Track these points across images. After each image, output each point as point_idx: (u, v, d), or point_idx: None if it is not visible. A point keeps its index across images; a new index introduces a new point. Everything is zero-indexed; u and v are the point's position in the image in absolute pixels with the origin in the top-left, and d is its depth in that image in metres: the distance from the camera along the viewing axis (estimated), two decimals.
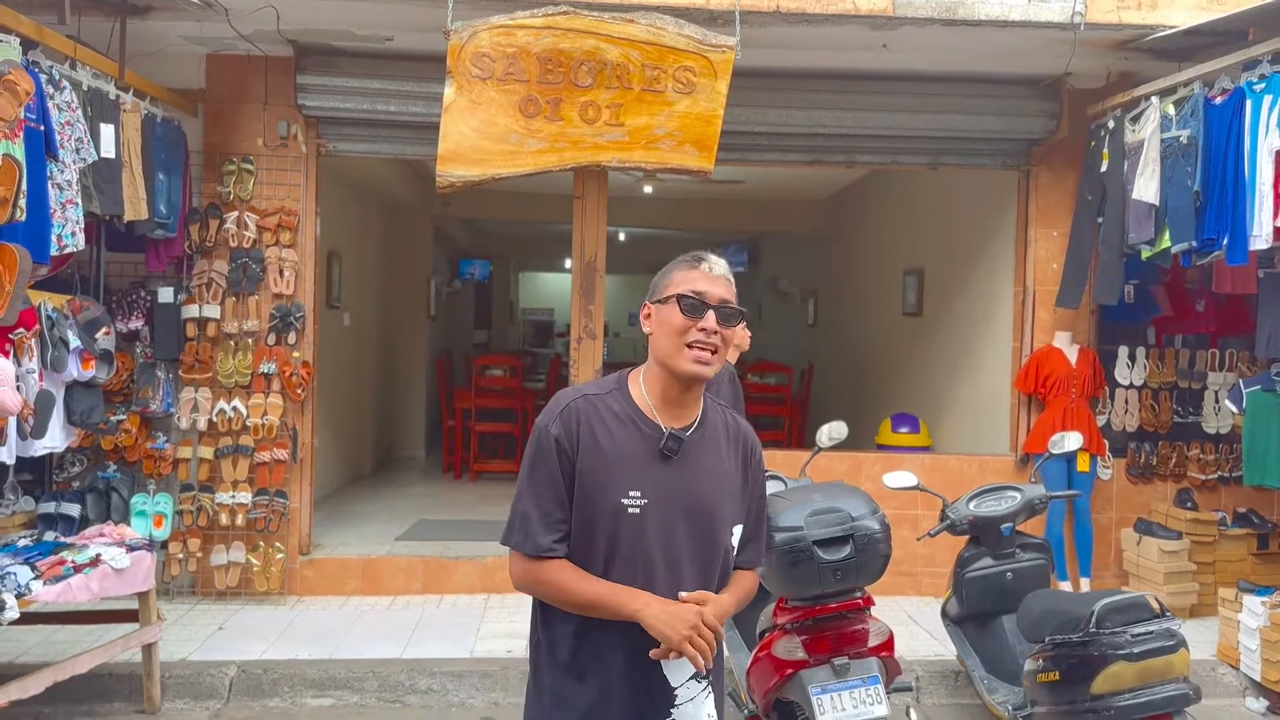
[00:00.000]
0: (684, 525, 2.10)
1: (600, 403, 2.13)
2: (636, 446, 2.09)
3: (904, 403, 8.79)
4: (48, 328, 4.26)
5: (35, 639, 5.16)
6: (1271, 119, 4.68)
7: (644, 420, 2.12)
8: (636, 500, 2.06)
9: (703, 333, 2.06)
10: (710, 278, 2.11)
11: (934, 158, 6.56)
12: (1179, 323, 6.69)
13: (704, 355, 2.07)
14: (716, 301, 2.09)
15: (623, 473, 2.07)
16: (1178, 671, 3.46)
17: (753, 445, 2.28)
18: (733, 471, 2.19)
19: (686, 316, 2.07)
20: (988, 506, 4.43)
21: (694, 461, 2.12)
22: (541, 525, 2.08)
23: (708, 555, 2.13)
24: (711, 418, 2.20)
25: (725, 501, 2.16)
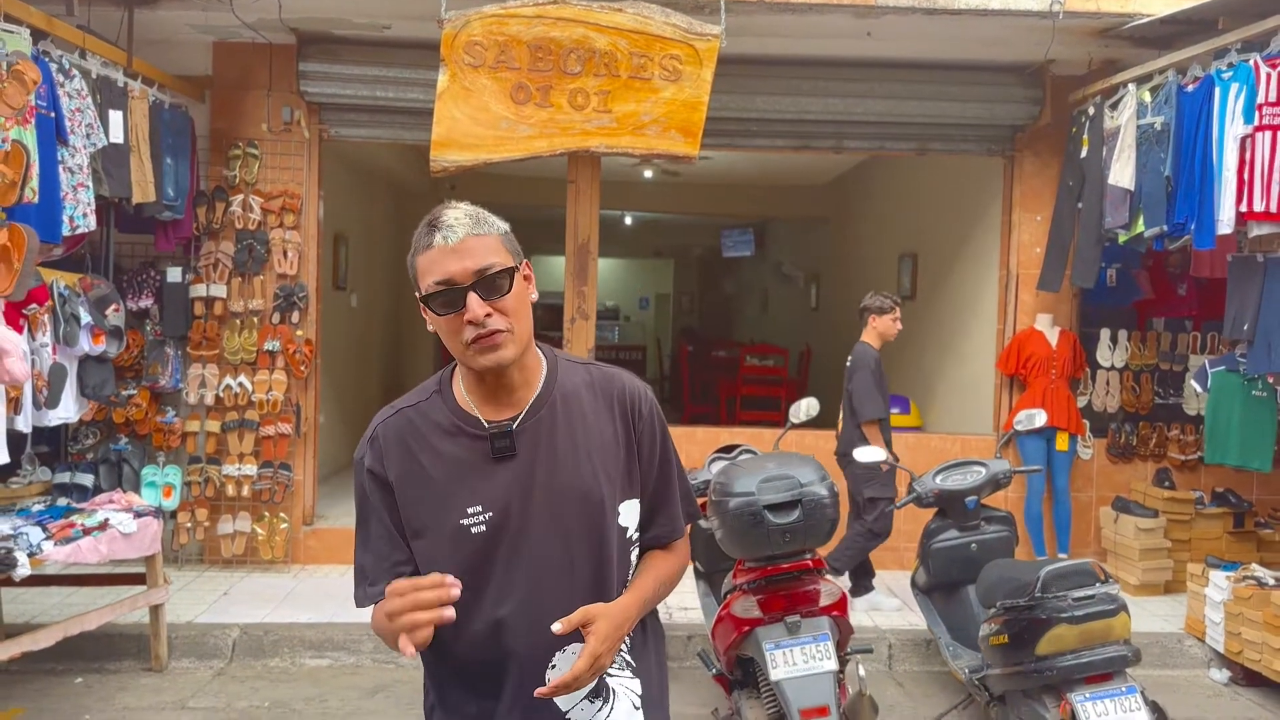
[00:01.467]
0: (552, 527, 1.73)
1: (417, 414, 1.80)
2: (466, 455, 1.74)
3: (897, 384, 8.92)
4: (60, 304, 4.51)
5: (52, 601, 5.43)
6: (1238, 106, 4.82)
7: (470, 422, 1.76)
8: (479, 517, 1.71)
9: (473, 326, 1.66)
10: (450, 250, 1.66)
11: (921, 144, 6.71)
12: (1161, 306, 6.82)
13: (494, 342, 1.67)
14: (470, 278, 1.66)
15: (455, 490, 1.72)
16: (1118, 634, 3.63)
17: (635, 400, 1.85)
18: (609, 440, 1.80)
19: (445, 314, 1.68)
20: (953, 480, 4.61)
21: (543, 448, 1.75)
22: (382, 571, 1.77)
23: (596, 552, 1.77)
24: (564, 387, 1.81)
25: (601, 480, 1.77)
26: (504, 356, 1.69)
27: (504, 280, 1.69)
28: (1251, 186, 4.71)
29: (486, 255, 1.68)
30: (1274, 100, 4.61)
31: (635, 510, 1.85)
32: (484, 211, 1.76)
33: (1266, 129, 4.64)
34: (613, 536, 1.79)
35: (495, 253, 1.70)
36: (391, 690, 4.84)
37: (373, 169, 9.63)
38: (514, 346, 1.70)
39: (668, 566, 1.91)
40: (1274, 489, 6.69)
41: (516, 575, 1.73)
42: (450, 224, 1.68)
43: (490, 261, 1.68)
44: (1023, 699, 3.85)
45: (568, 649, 1.72)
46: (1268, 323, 4.95)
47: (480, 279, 1.67)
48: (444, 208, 1.72)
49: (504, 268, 1.69)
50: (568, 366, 1.86)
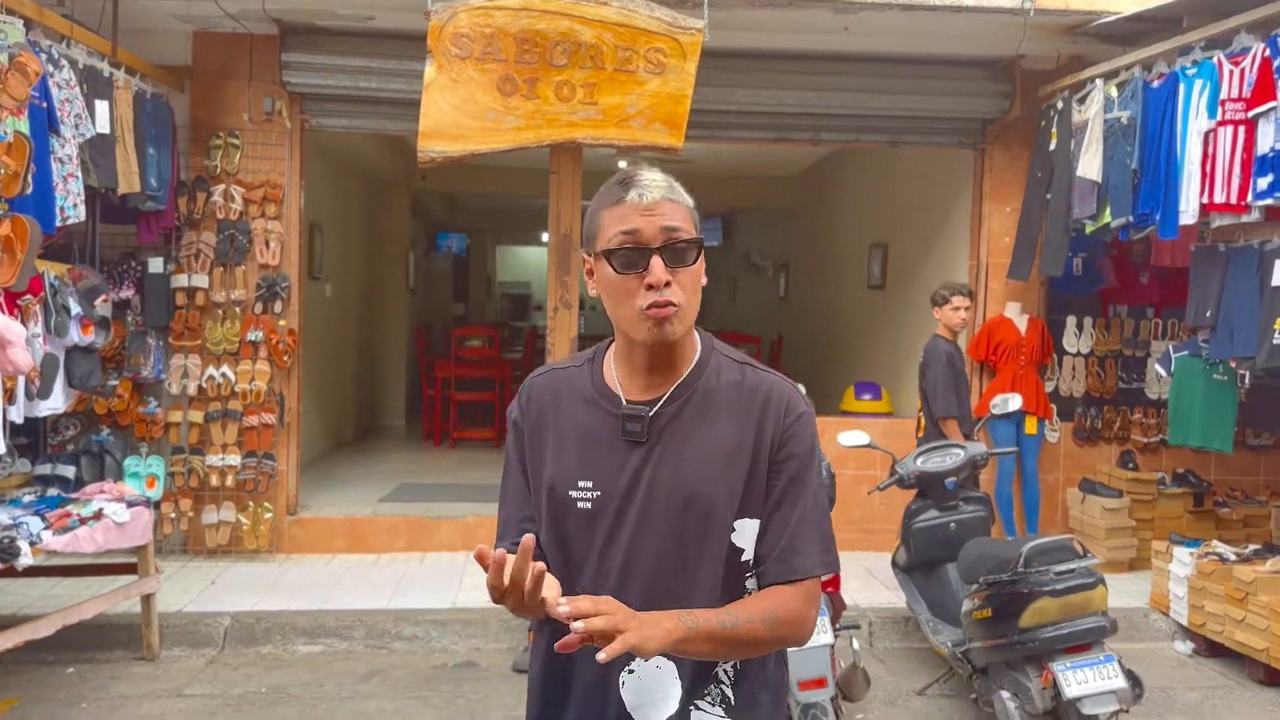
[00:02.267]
0: (654, 524, 1.63)
1: (566, 378, 1.76)
2: (598, 429, 1.68)
3: (868, 372, 9.14)
4: (51, 295, 4.51)
5: (37, 593, 5.42)
6: (1201, 102, 5.02)
7: (609, 397, 1.69)
8: (587, 492, 1.65)
9: (652, 290, 1.58)
10: (644, 208, 1.59)
11: (894, 136, 6.87)
12: (1124, 294, 7.05)
13: (666, 314, 1.58)
14: (659, 240, 1.59)
15: (575, 459, 1.67)
16: (1096, 606, 3.81)
17: (781, 410, 1.67)
18: (741, 448, 1.65)
19: (624, 273, 1.60)
20: (934, 462, 4.77)
21: (675, 441, 1.65)
22: (510, 528, 1.76)
23: (694, 565, 1.64)
24: (710, 381, 1.69)
25: (719, 488, 1.63)
26: (671, 332, 1.60)
27: (691, 250, 1.62)
28: (1214, 179, 4.91)
29: (678, 221, 1.61)
30: (1236, 96, 4.81)
31: (754, 532, 1.67)
32: (677, 182, 1.68)
33: (1229, 124, 4.84)
34: (719, 552, 1.64)
35: (686, 222, 1.63)
36: (386, 674, 4.91)
37: (346, 158, 9.63)
38: (681, 325, 1.62)
39: (770, 607, 1.61)
40: (1231, 470, 6.96)
41: (609, 563, 1.64)
42: (646, 183, 1.62)
43: (681, 226, 1.61)
44: (1005, 670, 4.03)
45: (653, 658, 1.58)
46: (1229, 309, 5.17)
47: (668, 243, 1.59)
48: (638, 168, 1.66)
49: (692, 237, 1.62)
50: (721, 361, 1.73)
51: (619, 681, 1.65)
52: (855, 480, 6.59)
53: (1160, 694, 4.84)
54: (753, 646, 1.62)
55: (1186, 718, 4.60)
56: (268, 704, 4.53)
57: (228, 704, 4.51)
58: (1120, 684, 3.70)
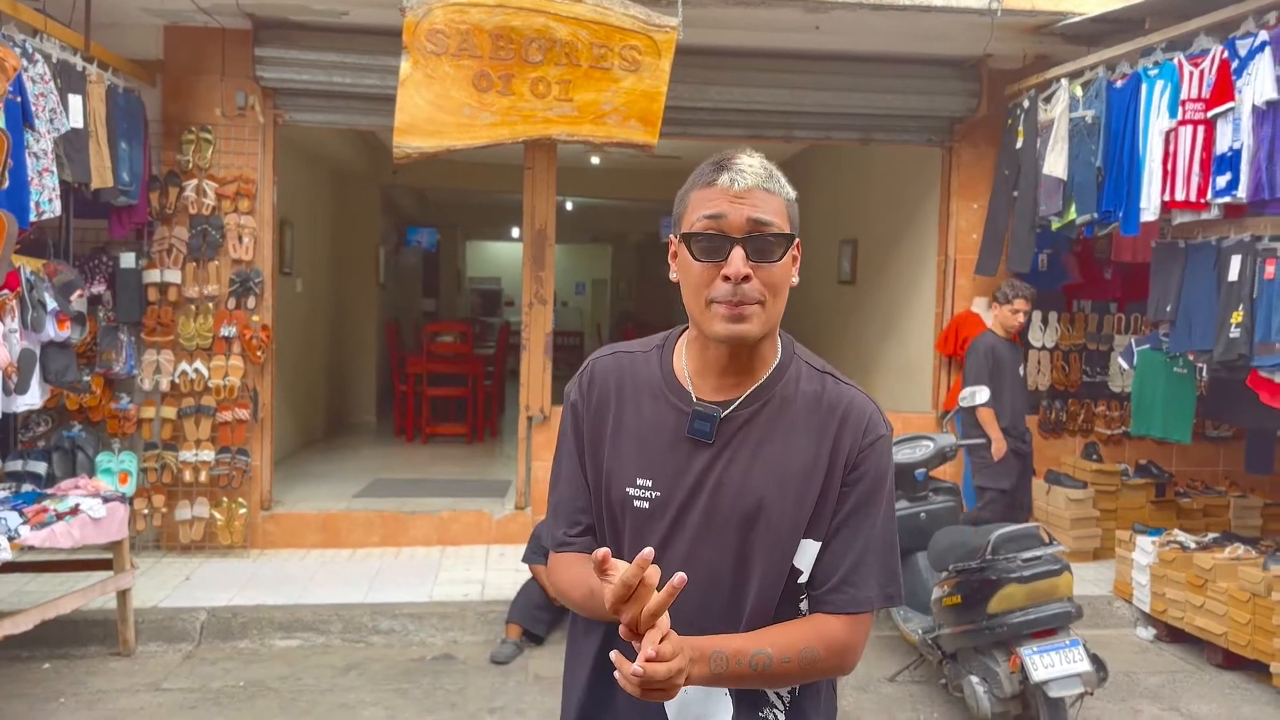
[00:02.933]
0: (713, 532, 1.53)
1: (631, 364, 1.64)
2: (663, 424, 1.57)
3: (837, 365, 9.13)
4: (27, 290, 4.49)
5: (8, 589, 5.38)
6: (1163, 102, 5.15)
7: (677, 391, 1.58)
8: (646, 491, 1.55)
9: (728, 282, 1.47)
10: (734, 195, 1.49)
11: (865, 134, 6.97)
12: (1088, 289, 7.20)
13: (741, 312, 1.48)
14: (744, 230, 1.48)
15: (635, 454, 1.57)
16: (1062, 593, 3.93)
17: (860, 429, 1.57)
18: (813, 463, 1.54)
19: (702, 261, 1.50)
20: (903, 454, 4.87)
21: (745, 447, 1.54)
22: (562, 515, 1.66)
23: (750, 581, 1.54)
24: (789, 387, 1.58)
25: (789, 504, 1.53)
26: (748, 331, 1.49)
27: (778, 246, 1.49)
28: (1174, 177, 5.05)
29: (769, 213, 1.49)
30: (1196, 97, 4.95)
31: (814, 553, 1.57)
32: (778, 171, 1.56)
33: (1189, 123, 4.98)
34: (781, 571, 1.55)
35: (779, 215, 1.51)
36: (364, 668, 4.93)
37: (316, 153, 9.59)
38: (760, 324, 1.50)
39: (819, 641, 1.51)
40: (1192, 461, 7.14)
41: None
42: (742, 168, 1.51)
43: (771, 220, 1.49)
44: (974, 655, 4.14)
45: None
46: (1188, 304, 5.32)
47: (754, 235, 1.48)
48: (737, 151, 1.54)
49: (782, 233, 1.50)
50: (803, 369, 1.62)
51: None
52: None
53: (1124, 678, 4.98)
54: (784, 681, 1.54)
55: (1149, 701, 4.74)
56: (247, 697, 4.54)
57: (207, 698, 4.52)
58: (1085, 667, 3.82)
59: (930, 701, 4.64)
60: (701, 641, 1.44)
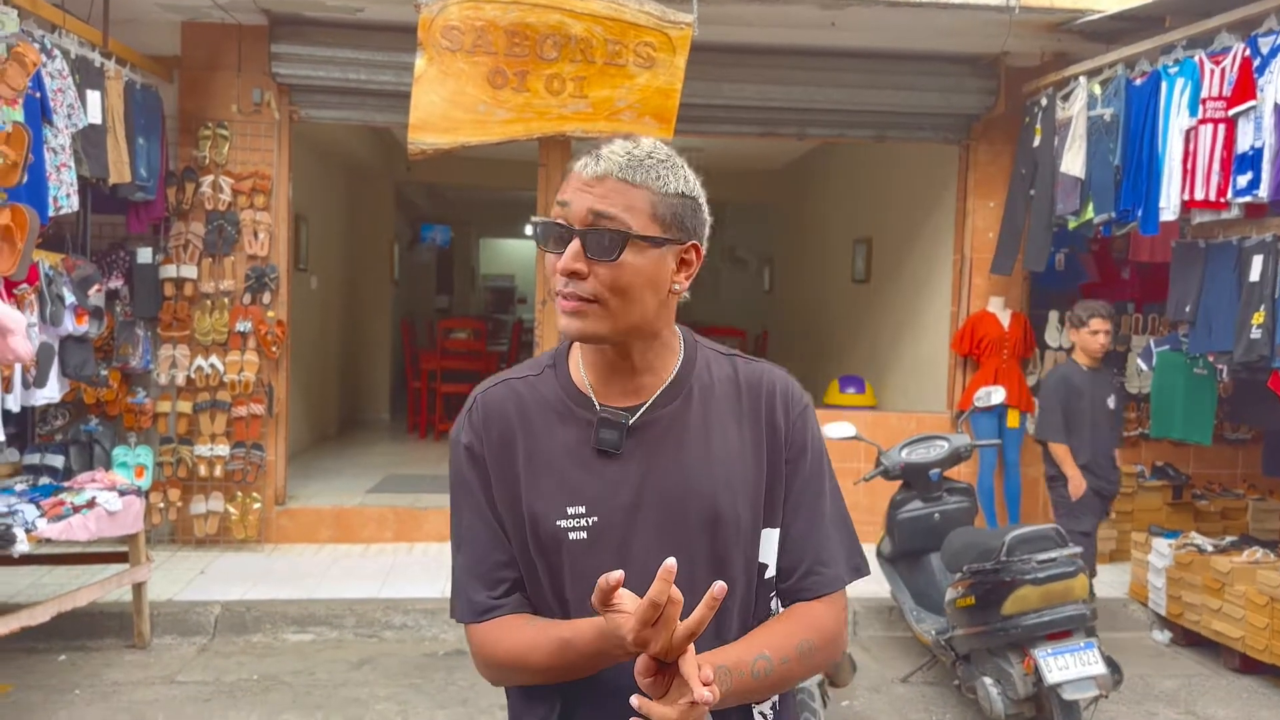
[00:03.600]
0: (667, 547, 1.36)
1: (525, 388, 1.48)
2: (575, 444, 1.42)
3: (852, 365, 9.23)
4: (46, 284, 4.52)
5: (25, 581, 5.42)
6: (1183, 100, 5.11)
7: (585, 405, 1.44)
8: (580, 519, 1.39)
9: (560, 278, 1.35)
10: (584, 182, 1.35)
11: (880, 131, 6.94)
12: (1106, 289, 7.14)
13: (577, 308, 1.35)
14: (583, 222, 1.34)
15: (559, 483, 1.40)
16: (1077, 595, 3.90)
17: (787, 404, 1.48)
18: (749, 452, 1.44)
19: (547, 250, 1.39)
20: (918, 454, 4.85)
21: (678, 449, 1.42)
22: (479, 577, 1.45)
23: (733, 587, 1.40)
24: (704, 379, 1.47)
25: (736, 498, 1.42)
26: (585, 329, 1.36)
27: (613, 244, 1.32)
28: (1194, 176, 5.00)
29: (615, 206, 1.32)
30: (1217, 95, 4.90)
31: (775, 544, 1.47)
32: (666, 160, 1.38)
33: (1209, 122, 4.93)
34: (745, 571, 1.43)
35: (631, 210, 1.33)
36: (377, 663, 4.95)
37: (330, 150, 9.61)
38: (601, 322, 1.35)
39: (811, 631, 1.43)
40: (1210, 463, 7.08)
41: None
42: (604, 154, 1.36)
43: (613, 214, 1.32)
44: (988, 656, 4.11)
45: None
46: (1208, 305, 5.27)
47: (590, 228, 1.33)
48: (620, 137, 1.40)
49: (622, 229, 1.32)
50: (710, 356, 1.50)
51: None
52: (842, 473, 6.62)
53: (1139, 682, 4.94)
54: (786, 684, 1.42)
55: (1164, 705, 4.70)
56: (260, 691, 4.56)
57: (220, 691, 4.54)
58: (1100, 670, 3.79)
59: (943, 703, 4.62)
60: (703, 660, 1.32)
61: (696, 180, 1.43)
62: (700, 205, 1.43)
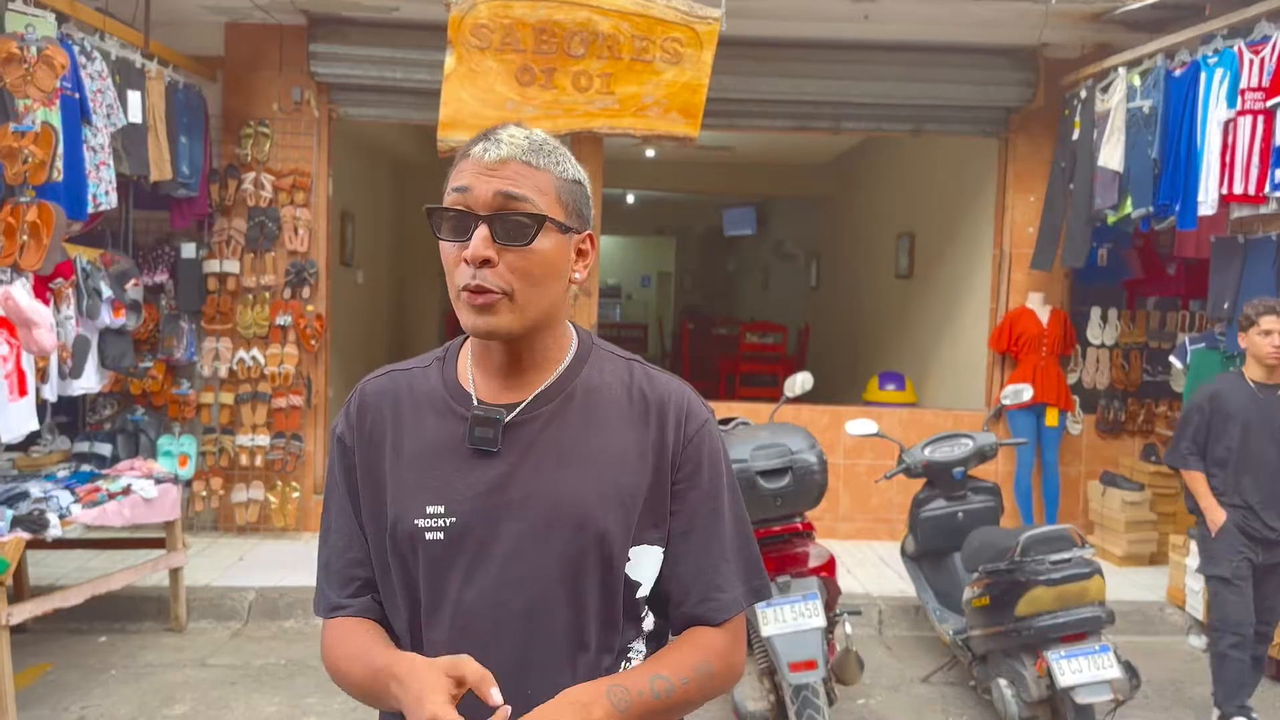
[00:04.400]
0: (524, 556, 1.31)
1: (407, 381, 1.43)
2: (450, 440, 1.36)
3: (894, 361, 9.13)
4: (83, 279, 4.69)
5: (72, 565, 5.64)
6: (1222, 91, 4.97)
7: (462, 400, 1.38)
8: (438, 521, 1.32)
9: (467, 268, 1.29)
10: (485, 167, 1.29)
11: (916, 125, 6.86)
12: (1150, 285, 6.99)
13: (486, 302, 1.29)
14: (489, 207, 1.28)
15: (422, 480, 1.34)
16: (1092, 597, 3.82)
17: (682, 417, 1.40)
18: (632, 460, 1.36)
19: (446, 240, 1.33)
20: (941, 452, 4.79)
21: (551, 451, 1.34)
22: (333, 574, 1.41)
23: (580, 602, 1.33)
24: (590, 381, 1.40)
25: (608, 508, 1.33)
26: (494, 324, 1.30)
27: (528, 228, 1.28)
28: (1233, 169, 4.87)
29: (524, 189, 1.29)
30: (1256, 86, 4.76)
31: (654, 562, 1.39)
32: (559, 148, 1.35)
33: (1248, 113, 4.79)
34: (614, 588, 1.35)
35: (540, 193, 1.30)
36: None
37: (377, 148, 9.78)
38: (511, 316, 1.30)
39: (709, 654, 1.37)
40: None
41: (472, 608, 1.32)
42: (500, 138, 1.31)
43: (525, 196, 1.28)
44: (1003, 658, 4.06)
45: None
46: (1246, 301, 5.11)
47: (500, 213, 1.28)
48: (511, 124, 1.36)
49: (536, 213, 1.28)
50: (603, 358, 1.44)
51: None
52: (871, 470, 6.63)
53: (1170, 687, 4.84)
54: (688, 707, 1.36)
55: (1193, 712, 4.59)
56: (286, 675, 4.69)
57: (248, 675, 4.67)
58: (1115, 674, 3.72)
59: (961, 703, 4.57)
60: (588, 685, 1.27)
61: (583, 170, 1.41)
62: (589, 195, 1.40)
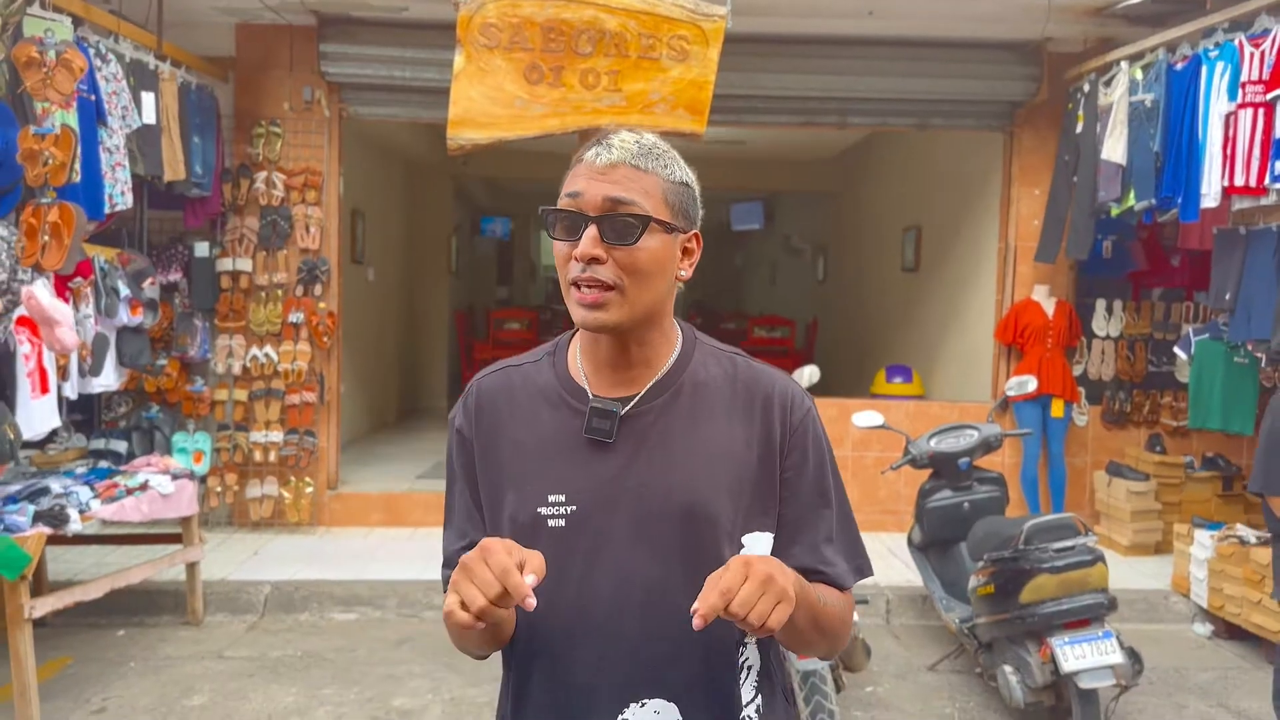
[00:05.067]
0: (644, 542, 1.39)
1: (521, 376, 1.51)
2: (563, 433, 1.44)
3: (901, 354, 9.19)
4: (101, 278, 4.78)
5: (90, 560, 5.73)
6: (1223, 84, 5.01)
7: (576, 394, 1.46)
8: (560, 509, 1.40)
9: (577, 264, 1.37)
10: (596, 170, 1.38)
11: (921, 119, 6.91)
12: (1155, 277, 7.02)
13: (596, 299, 1.36)
14: (599, 209, 1.36)
15: (542, 471, 1.43)
16: (1095, 584, 3.88)
17: (787, 407, 1.47)
18: (740, 450, 1.43)
19: (559, 239, 1.40)
20: (947, 443, 4.85)
21: (664, 443, 1.42)
22: (454, 558, 1.50)
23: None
24: (697, 375, 1.47)
25: (721, 497, 1.41)
26: (603, 318, 1.37)
27: (634, 228, 1.35)
28: (1234, 162, 4.91)
29: (632, 192, 1.36)
30: (1257, 79, 4.80)
31: (766, 546, 1.45)
32: (668, 151, 1.45)
33: (1249, 106, 4.83)
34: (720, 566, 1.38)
35: (647, 195, 1.37)
36: (416, 641, 5.13)
37: (388, 146, 9.86)
38: (619, 311, 1.37)
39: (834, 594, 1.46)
40: None
41: (595, 589, 1.39)
42: (613, 144, 1.40)
43: (632, 199, 1.36)
44: (1008, 645, 4.12)
45: (648, 703, 1.38)
46: (1248, 293, 5.17)
47: (609, 214, 1.35)
48: (623, 128, 1.46)
49: (642, 214, 1.36)
50: (708, 353, 1.51)
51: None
52: (878, 462, 6.69)
53: (1174, 674, 4.89)
54: (824, 635, 1.43)
55: (1197, 697, 4.65)
56: (302, 667, 4.77)
57: (264, 666, 4.76)
58: (1118, 659, 3.77)
59: (968, 690, 4.63)
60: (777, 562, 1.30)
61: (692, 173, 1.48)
62: (697, 196, 1.48)
